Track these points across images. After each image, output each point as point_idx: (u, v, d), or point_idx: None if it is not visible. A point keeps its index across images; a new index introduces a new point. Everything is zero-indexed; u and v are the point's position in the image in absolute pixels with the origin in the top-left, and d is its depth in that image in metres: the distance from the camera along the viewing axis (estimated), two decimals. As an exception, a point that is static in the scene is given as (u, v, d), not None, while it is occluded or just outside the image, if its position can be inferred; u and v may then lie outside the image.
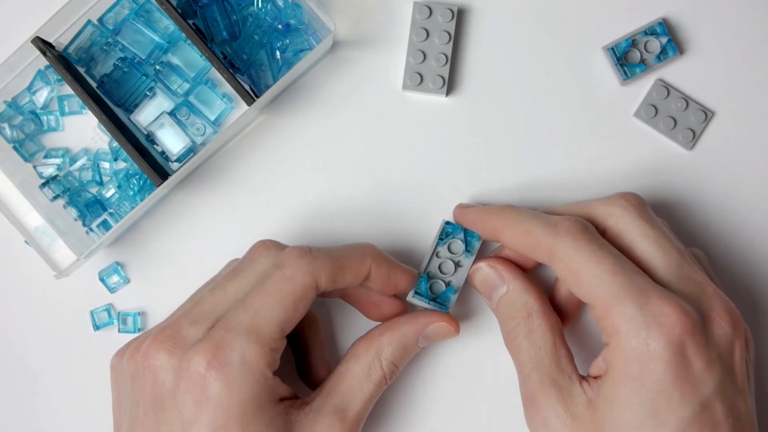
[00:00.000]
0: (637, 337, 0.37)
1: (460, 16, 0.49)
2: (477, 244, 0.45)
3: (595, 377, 0.40)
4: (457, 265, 0.45)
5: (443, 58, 0.48)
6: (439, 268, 0.45)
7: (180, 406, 0.38)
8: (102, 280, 0.49)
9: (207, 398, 0.38)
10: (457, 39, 0.49)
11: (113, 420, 0.42)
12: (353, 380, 0.42)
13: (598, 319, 0.39)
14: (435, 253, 0.45)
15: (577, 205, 0.44)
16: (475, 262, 0.45)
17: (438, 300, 0.44)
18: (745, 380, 0.38)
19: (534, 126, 0.49)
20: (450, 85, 0.49)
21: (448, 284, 0.45)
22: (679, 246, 0.41)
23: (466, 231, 0.45)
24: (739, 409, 0.37)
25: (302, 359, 0.45)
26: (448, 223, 0.45)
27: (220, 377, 0.37)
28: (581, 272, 0.39)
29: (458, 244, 0.45)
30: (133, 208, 0.46)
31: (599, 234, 0.41)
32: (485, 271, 0.44)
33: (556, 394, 0.39)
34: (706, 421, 0.36)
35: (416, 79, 0.48)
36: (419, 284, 0.44)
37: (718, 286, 0.41)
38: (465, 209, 0.46)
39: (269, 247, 0.42)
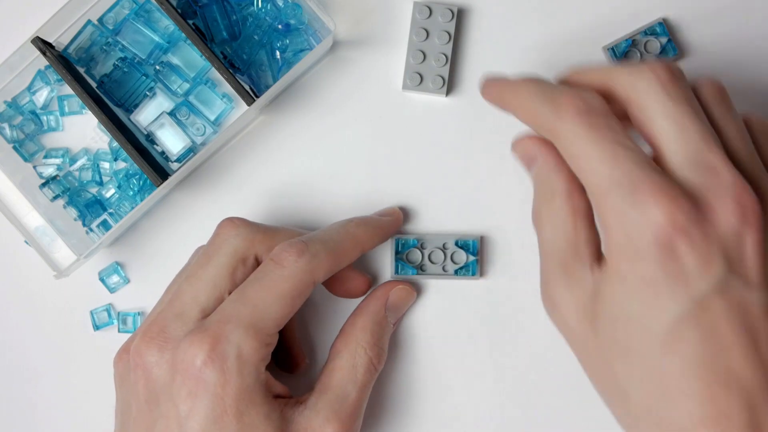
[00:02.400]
0: (624, 235, 0.35)
1: (460, 16, 0.49)
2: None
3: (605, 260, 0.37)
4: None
5: (443, 58, 0.48)
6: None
7: (175, 399, 0.38)
8: (102, 280, 0.49)
9: (203, 390, 0.38)
10: (457, 39, 0.49)
11: (115, 422, 0.43)
12: (342, 373, 0.42)
13: (594, 206, 0.37)
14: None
15: (600, 71, 0.40)
16: None
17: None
18: (763, 272, 0.34)
19: (534, 126, 0.49)
20: (450, 85, 0.48)
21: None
22: (703, 126, 0.36)
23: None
24: (749, 304, 0.34)
25: (280, 346, 0.45)
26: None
27: (216, 368, 0.38)
28: (580, 160, 0.37)
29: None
30: (133, 208, 0.46)
31: (606, 110, 0.37)
32: (524, 142, 0.41)
33: (565, 281, 0.38)
34: (701, 317, 0.33)
35: (416, 79, 0.48)
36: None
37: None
38: (490, 84, 0.43)
39: (237, 225, 0.42)
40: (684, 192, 0.34)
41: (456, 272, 0.47)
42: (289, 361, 0.46)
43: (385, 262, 0.48)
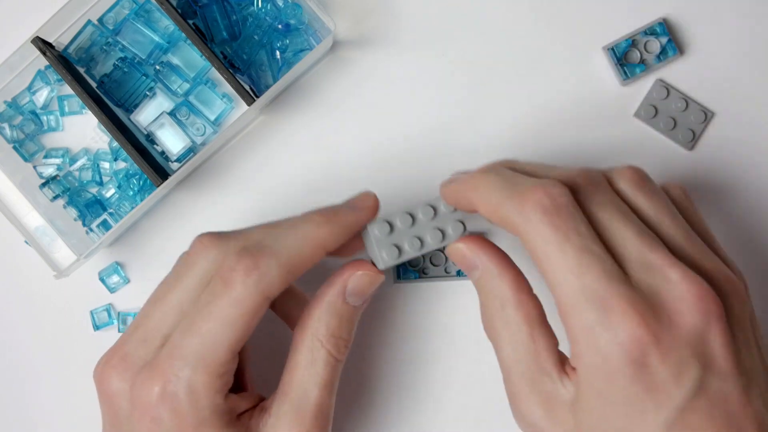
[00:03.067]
0: (597, 352, 0.34)
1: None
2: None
3: (573, 369, 0.37)
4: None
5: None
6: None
7: (137, 429, 0.38)
8: (102, 280, 0.49)
9: (159, 427, 0.37)
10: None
11: None
12: (301, 371, 0.39)
13: (561, 315, 0.36)
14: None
15: (488, 201, 0.38)
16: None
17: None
18: (733, 360, 0.34)
19: (534, 126, 0.49)
20: (450, 85, 0.49)
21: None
22: (634, 227, 0.36)
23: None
24: (728, 394, 0.34)
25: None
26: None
27: (168, 408, 0.37)
28: (546, 264, 0.35)
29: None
30: (133, 208, 0.46)
31: (572, 207, 0.36)
32: (460, 250, 0.40)
33: (537, 399, 0.37)
34: (688, 421, 0.34)
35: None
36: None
37: (701, 230, 0.38)
38: (448, 185, 0.41)
39: (206, 245, 0.39)
40: (648, 304, 0.34)
41: (458, 273, 0.47)
42: (241, 383, 0.43)
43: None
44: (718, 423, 0.34)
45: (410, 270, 0.46)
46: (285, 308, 0.44)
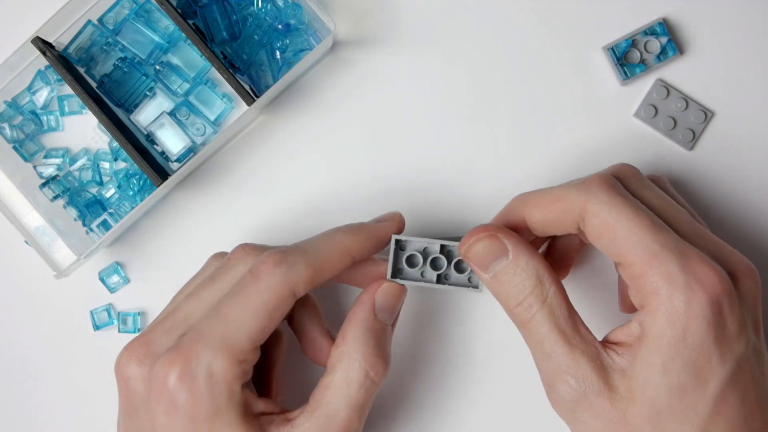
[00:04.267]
0: (680, 298, 0.36)
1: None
2: None
3: (618, 344, 0.38)
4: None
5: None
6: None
7: (151, 414, 0.38)
8: (102, 280, 0.49)
9: (175, 409, 0.38)
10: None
11: None
12: (334, 390, 0.39)
13: (632, 278, 0.37)
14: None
15: (548, 193, 0.41)
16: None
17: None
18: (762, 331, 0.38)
19: (534, 126, 0.49)
20: (450, 85, 0.49)
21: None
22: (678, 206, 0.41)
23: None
24: (765, 357, 0.38)
25: (260, 373, 0.44)
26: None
27: (185, 388, 0.37)
28: (619, 229, 0.37)
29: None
30: (133, 208, 0.46)
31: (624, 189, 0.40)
32: (485, 241, 0.40)
33: (589, 365, 0.37)
34: (739, 379, 0.36)
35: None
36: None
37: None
38: (482, 232, 0.40)
39: (248, 253, 0.41)
40: (716, 262, 0.37)
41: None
42: (265, 389, 0.44)
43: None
44: (758, 385, 0.37)
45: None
46: (300, 322, 0.44)
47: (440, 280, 0.42)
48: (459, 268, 0.42)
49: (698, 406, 0.36)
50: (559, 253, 0.45)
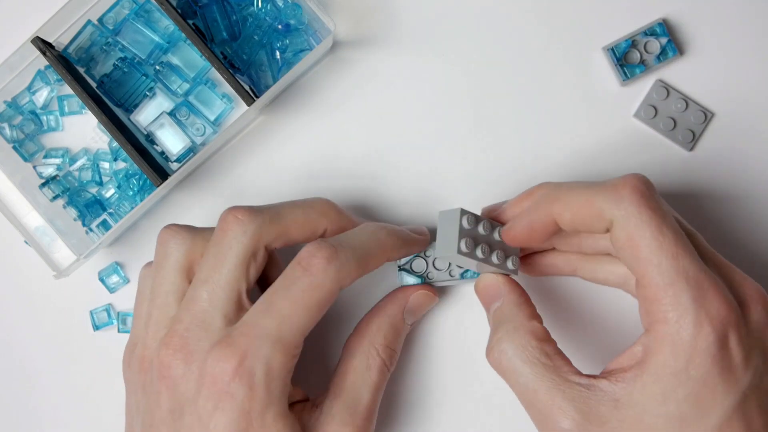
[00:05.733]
0: (688, 330, 0.35)
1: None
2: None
3: (613, 372, 0.38)
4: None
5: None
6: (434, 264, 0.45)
7: (201, 412, 0.38)
8: (102, 280, 0.49)
9: (230, 404, 0.37)
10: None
11: (125, 423, 0.43)
12: (355, 375, 0.42)
13: (645, 300, 0.37)
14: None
15: (579, 195, 0.40)
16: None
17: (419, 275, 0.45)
18: None
19: (534, 126, 0.49)
20: (450, 85, 0.49)
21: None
22: (693, 230, 0.40)
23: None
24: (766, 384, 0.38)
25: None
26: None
27: (243, 383, 0.37)
28: (643, 247, 0.37)
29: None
30: (132, 208, 0.46)
31: (659, 195, 0.39)
32: (487, 280, 0.43)
33: (572, 407, 0.37)
34: (745, 409, 0.36)
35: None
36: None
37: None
38: (493, 208, 0.44)
39: (242, 221, 0.40)
40: (728, 292, 0.37)
41: (462, 275, 0.45)
42: None
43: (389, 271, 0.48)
44: (765, 413, 0.36)
45: (414, 275, 0.45)
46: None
47: (447, 277, 0.45)
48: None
49: None
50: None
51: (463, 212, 0.41)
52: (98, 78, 0.48)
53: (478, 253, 0.41)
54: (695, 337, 0.35)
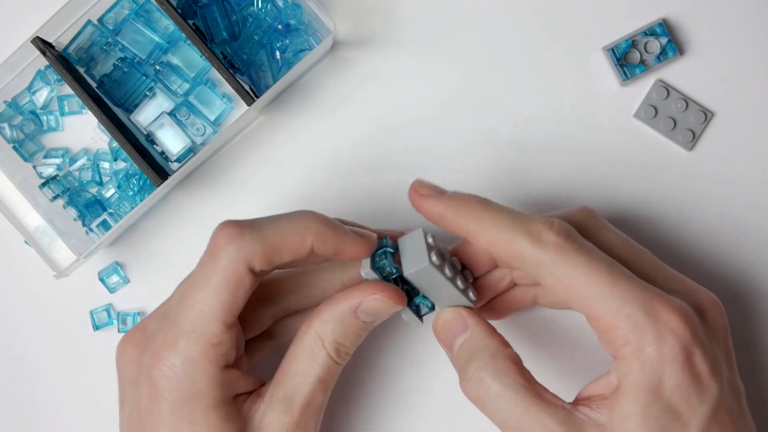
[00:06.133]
0: (652, 345, 0.36)
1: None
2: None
3: (592, 398, 0.38)
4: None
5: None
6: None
7: (139, 398, 0.39)
8: (102, 280, 0.49)
9: (157, 393, 0.38)
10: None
11: None
12: (298, 365, 0.40)
13: (601, 332, 0.37)
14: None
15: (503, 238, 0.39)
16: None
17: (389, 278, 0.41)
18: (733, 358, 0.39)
19: (534, 126, 0.49)
20: (450, 85, 0.49)
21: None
22: (637, 246, 0.41)
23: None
24: (741, 390, 0.38)
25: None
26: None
27: (164, 375, 0.38)
28: (578, 286, 0.37)
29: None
30: (132, 208, 0.46)
31: (581, 236, 0.39)
32: (449, 314, 0.41)
33: (562, 430, 0.36)
34: (720, 418, 0.36)
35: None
36: (378, 258, 0.40)
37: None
38: (424, 197, 0.41)
39: (230, 239, 0.38)
40: (683, 304, 0.37)
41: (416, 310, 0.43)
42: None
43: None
44: (736, 421, 0.37)
45: (379, 270, 0.41)
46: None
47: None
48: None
49: None
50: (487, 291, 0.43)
51: (425, 231, 0.40)
52: (98, 78, 0.48)
53: (447, 271, 0.39)
54: (660, 349, 0.36)
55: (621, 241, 0.40)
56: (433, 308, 0.42)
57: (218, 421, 0.38)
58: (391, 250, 0.41)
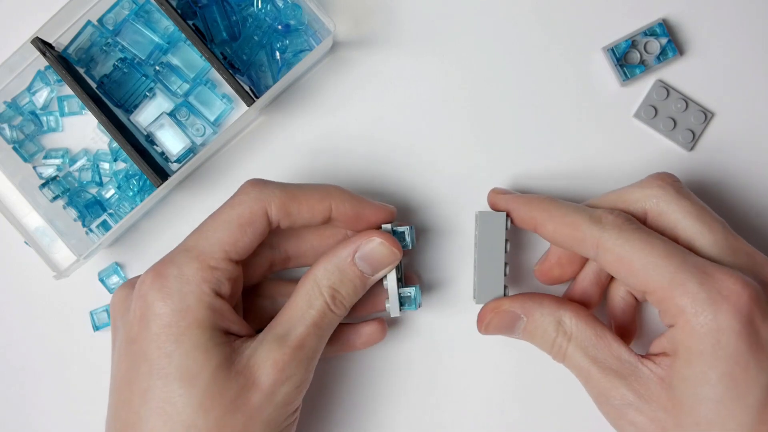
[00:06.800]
0: (705, 314, 0.37)
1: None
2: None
3: (658, 355, 0.39)
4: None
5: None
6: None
7: (130, 324, 0.39)
8: (102, 280, 0.49)
9: (147, 310, 0.39)
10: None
11: None
12: (294, 310, 0.41)
13: (658, 303, 0.39)
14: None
15: (613, 194, 0.43)
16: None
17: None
18: None
19: (534, 126, 0.49)
20: (450, 85, 0.49)
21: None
22: (720, 219, 0.41)
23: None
24: None
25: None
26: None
27: (156, 288, 0.39)
28: (634, 261, 0.39)
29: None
30: (132, 208, 0.46)
31: (641, 223, 0.41)
32: (495, 320, 0.43)
33: (623, 384, 0.39)
34: None
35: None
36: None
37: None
38: (501, 194, 0.45)
39: (253, 186, 0.42)
40: (744, 273, 0.38)
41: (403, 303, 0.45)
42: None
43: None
44: None
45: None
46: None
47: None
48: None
49: (740, 416, 0.36)
50: (586, 285, 0.46)
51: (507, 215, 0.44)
52: (98, 78, 0.48)
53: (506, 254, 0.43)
54: (715, 316, 0.36)
55: (695, 207, 0.41)
56: (416, 308, 0.44)
57: (204, 340, 0.38)
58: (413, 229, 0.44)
